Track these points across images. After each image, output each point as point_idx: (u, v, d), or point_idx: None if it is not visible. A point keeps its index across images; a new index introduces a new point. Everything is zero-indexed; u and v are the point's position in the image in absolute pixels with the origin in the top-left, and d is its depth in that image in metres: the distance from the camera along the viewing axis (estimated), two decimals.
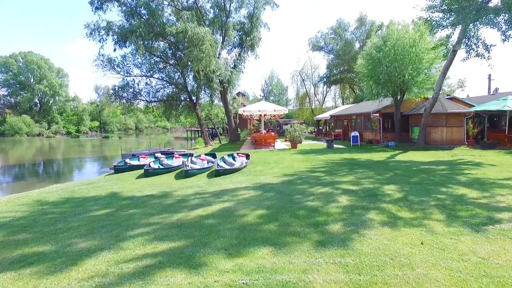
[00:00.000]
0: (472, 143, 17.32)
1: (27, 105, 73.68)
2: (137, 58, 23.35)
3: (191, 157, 13.33)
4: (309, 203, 6.20)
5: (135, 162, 14.00)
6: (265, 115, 23.51)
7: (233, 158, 13.78)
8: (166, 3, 22.56)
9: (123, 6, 20.77)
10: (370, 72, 18.47)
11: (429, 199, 6.21)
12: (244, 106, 26.90)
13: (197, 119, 26.87)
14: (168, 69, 25.23)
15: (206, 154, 14.86)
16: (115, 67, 22.97)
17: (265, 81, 79.96)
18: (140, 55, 21.43)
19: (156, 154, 15.51)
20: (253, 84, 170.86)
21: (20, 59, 74.22)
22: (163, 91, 26.11)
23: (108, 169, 15.85)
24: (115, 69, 23.05)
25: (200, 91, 24.92)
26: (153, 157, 14.75)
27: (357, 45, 42.12)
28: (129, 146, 37.38)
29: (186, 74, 24.69)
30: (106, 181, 10.45)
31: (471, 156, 12.95)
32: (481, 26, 13.57)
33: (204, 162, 12.63)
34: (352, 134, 20.04)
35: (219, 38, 24.51)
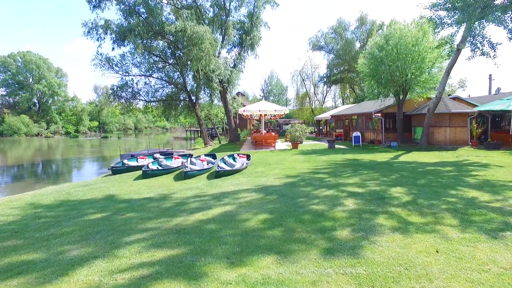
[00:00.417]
0: (476, 144, 17.06)
1: (26, 105, 73.29)
2: (136, 58, 23.04)
3: (191, 158, 13.05)
4: (314, 207, 5.93)
5: (133, 163, 13.64)
6: (266, 115, 23.26)
7: (234, 159, 13.49)
8: (165, 2, 22.30)
9: (122, 5, 20.46)
10: (372, 72, 18.21)
11: (439, 203, 5.94)
12: (244, 106, 26.64)
13: (197, 119, 26.59)
14: (167, 69, 24.92)
15: (206, 155, 14.56)
16: (114, 67, 22.65)
17: (265, 81, 79.97)
18: (139, 54, 21.11)
19: (155, 155, 15.22)
20: (253, 84, 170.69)
21: (19, 59, 73.87)
22: (162, 91, 25.86)
23: (107, 170, 15.54)
24: (114, 69, 22.73)
25: (200, 91, 24.65)
26: (152, 158, 14.46)
27: (358, 45, 41.91)
28: (128, 146, 37.11)
29: (186, 74, 24.43)
30: (103, 183, 10.16)
31: (477, 157, 12.70)
32: (487, 24, 13.30)
33: (204, 163, 12.35)
34: (354, 134, 19.77)
35: (219, 37, 24.26)
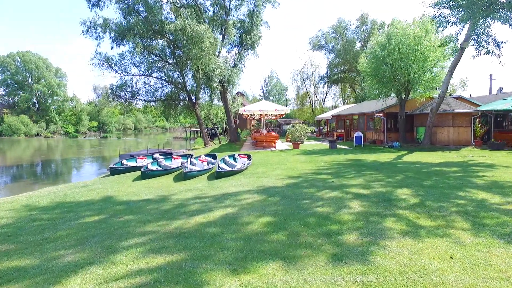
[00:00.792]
0: (480, 144, 16.87)
1: (25, 105, 72.98)
2: (135, 57, 22.84)
3: (191, 158, 12.83)
4: (319, 209, 5.72)
5: (132, 164, 13.36)
6: (266, 115, 23.06)
7: (234, 159, 13.28)
8: (165, 0, 22.05)
9: (121, 3, 20.23)
10: (374, 71, 18.03)
11: (449, 205, 5.74)
12: (244, 106, 26.43)
13: (197, 119, 26.37)
14: (167, 68, 24.70)
15: (206, 155, 14.32)
16: (113, 66, 22.43)
17: (265, 81, 79.73)
18: (138, 54, 20.84)
19: (154, 155, 14.98)
20: (253, 84, 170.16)
21: (18, 59, 73.54)
22: (162, 91, 25.64)
23: (106, 170, 15.31)
24: (113, 68, 22.51)
25: (200, 91, 24.43)
26: (151, 158, 14.23)
27: (358, 44, 41.72)
28: (128, 146, 36.89)
29: (185, 73, 24.22)
30: (101, 184, 9.94)
31: (481, 157, 12.50)
32: (492, 22, 13.09)
33: (204, 164, 12.13)
34: (356, 134, 19.57)
35: (219, 37, 24.04)
